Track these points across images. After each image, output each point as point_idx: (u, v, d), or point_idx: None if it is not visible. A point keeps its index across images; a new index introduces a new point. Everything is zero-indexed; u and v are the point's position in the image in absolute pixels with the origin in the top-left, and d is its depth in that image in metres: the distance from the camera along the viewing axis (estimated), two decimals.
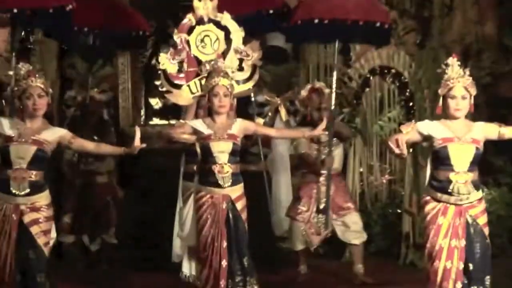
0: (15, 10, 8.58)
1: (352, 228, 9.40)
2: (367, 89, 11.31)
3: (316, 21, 9.19)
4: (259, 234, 9.73)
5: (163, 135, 8.55)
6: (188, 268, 8.79)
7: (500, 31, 12.08)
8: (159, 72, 8.98)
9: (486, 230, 7.10)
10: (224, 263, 7.71)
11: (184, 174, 9.13)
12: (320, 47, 11.64)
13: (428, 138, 7.08)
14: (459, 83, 7.04)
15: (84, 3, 9.12)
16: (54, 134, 7.33)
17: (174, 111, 12.44)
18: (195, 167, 8.72)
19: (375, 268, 9.67)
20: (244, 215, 7.92)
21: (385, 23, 9.49)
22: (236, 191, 7.90)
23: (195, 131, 7.89)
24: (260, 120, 9.75)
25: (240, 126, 7.89)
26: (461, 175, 6.98)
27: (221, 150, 7.81)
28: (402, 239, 10.45)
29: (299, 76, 11.80)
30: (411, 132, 7.07)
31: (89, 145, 7.72)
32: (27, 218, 7.19)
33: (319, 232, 9.41)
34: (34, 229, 7.19)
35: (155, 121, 15.21)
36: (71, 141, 7.39)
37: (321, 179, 9.41)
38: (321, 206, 9.35)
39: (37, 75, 7.30)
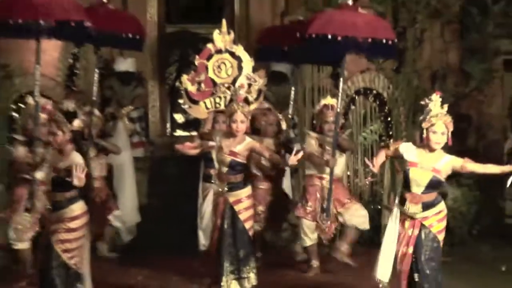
0: (41, 22, 8.33)
1: (357, 214, 9.31)
2: (353, 107, 11.26)
3: (330, 37, 8.68)
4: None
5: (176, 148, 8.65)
6: None
7: (462, 59, 12.08)
8: (182, 91, 9.07)
9: (440, 237, 7.10)
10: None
11: (203, 176, 9.22)
12: (314, 71, 11.39)
13: (400, 157, 7.12)
14: (440, 120, 6.95)
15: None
16: (68, 163, 7.24)
17: (194, 125, 12.49)
18: (211, 171, 8.87)
19: (358, 253, 9.61)
20: (243, 216, 8.00)
21: (390, 39, 8.93)
22: (234, 196, 8.01)
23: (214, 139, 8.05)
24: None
25: (246, 146, 7.95)
26: (414, 196, 7.02)
27: (221, 162, 7.99)
28: (382, 230, 10.26)
29: (297, 96, 11.74)
30: (395, 150, 7.19)
31: None
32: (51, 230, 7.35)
33: (323, 228, 9.18)
34: (53, 237, 7.29)
35: (179, 132, 15.25)
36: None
37: (324, 182, 9.22)
38: (325, 206, 9.15)
39: (56, 114, 7.49)
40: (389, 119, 11.22)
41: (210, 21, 10.34)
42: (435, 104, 7.03)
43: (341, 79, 9.34)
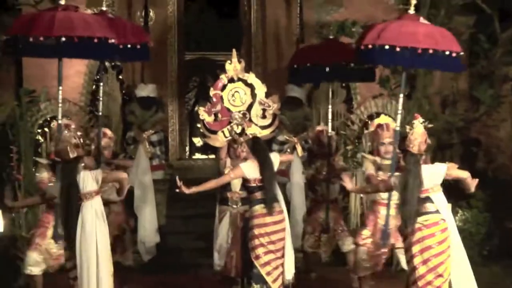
0: (63, 39, 7.70)
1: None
2: (366, 131, 11.30)
3: (387, 47, 7.76)
4: None
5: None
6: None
7: (471, 85, 12.07)
8: (200, 118, 9.08)
9: None
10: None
11: (220, 199, 9.17)
12: (329, 96, 11.54)
13: None
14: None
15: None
16: None
17: (212, 148, 12.52)
18: (228, 193, 8.89)
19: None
20: (249, 235, 7.92)
21: (453, 51, 7.91)
22: (248, 214, 8.05)
23: None
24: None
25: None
26: None
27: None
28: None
29: (312, 120, 11.79)
30: None
31: None
32: None
33: (377, 254, 8.33)
34: None
35: (197, 156, 15.31)
36: None
37: (383, 208, 8.24)
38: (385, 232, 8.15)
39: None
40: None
41: (228, 48, 10.34)
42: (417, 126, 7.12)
43: (401, 95, 8.32)
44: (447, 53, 7.85)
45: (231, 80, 9.02)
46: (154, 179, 11.01)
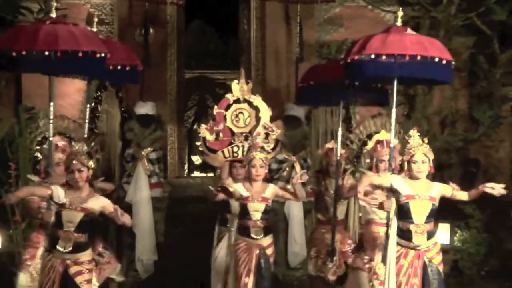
0: (46, 53, 7.09)
1: None
2: (365, 150, 11.31)
3: (373, 56, 7.23)
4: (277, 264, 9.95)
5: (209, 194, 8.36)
6: None
7: (470, 106, 12.16)
8: (199, 136, 9.00)
9: (441, 268, 7.12)
10: None
11: (220, 220, 9.09)
12: (327, 115, 11.36)
13: (395, 191, 7.11)
14: (419, 150, 7.10)
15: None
16: (98, 204, 7.02)
17: (211, 166, 12.54)
18: (228, 215, 8.75)
19: None
20: (272, 258, 8.02)
21: (443, 58, 7.26)
22: (267, 240, 8.02)
23: (236, 191, 8.01)
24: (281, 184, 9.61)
25: (272, 191, 8.04)
26: (419, 226, 7.01)
27: (256, 209, 7.95)
28: None
29: (310, 139, 11.82)
30: (385, 179, 7.22)
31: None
32: (72, 270, 6.99)
33: (382, 280, 7.63)
34: (78, 279, 7.00)
35: (196, 174, 15.35)
36: (112, 212, 6.95)
37: (381, 229, 7.87)
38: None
39: (79, 153, 7.00)
40: (400, 162, 11.20)
41: (227, 67, 10.38)
42: (414, 138, 7.20)
43: (393, 110, 7.86)
44: (437, 60, 7.26)
45: (236, 101, 8.96)
46: (152, 197, 11.02)
